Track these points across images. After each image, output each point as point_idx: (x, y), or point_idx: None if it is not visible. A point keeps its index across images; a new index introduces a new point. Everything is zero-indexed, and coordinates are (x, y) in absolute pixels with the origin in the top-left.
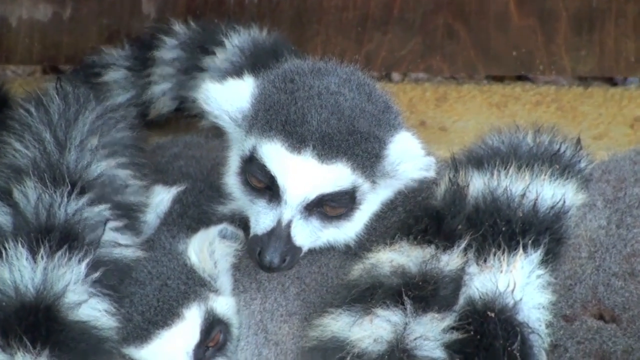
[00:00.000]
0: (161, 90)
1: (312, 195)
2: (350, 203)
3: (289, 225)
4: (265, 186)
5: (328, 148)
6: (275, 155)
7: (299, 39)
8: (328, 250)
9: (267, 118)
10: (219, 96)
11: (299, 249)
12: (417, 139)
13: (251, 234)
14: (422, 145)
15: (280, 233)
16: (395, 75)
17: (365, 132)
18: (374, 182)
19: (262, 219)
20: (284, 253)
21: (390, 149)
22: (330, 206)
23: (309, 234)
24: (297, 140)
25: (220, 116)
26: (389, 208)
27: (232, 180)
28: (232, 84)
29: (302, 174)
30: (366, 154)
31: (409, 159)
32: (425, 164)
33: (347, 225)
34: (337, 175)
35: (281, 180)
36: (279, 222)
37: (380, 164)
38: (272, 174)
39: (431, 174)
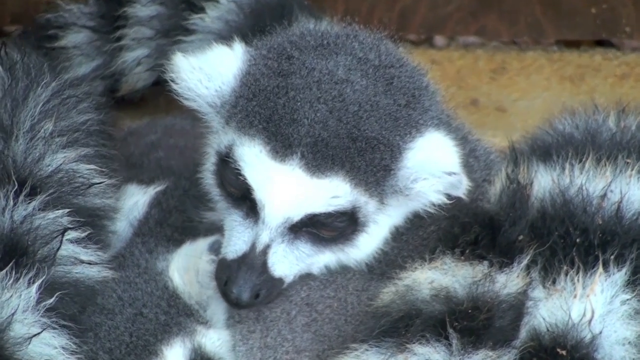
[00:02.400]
0: (135, 59)
1: (296, 215)
2: (352, 225)
3: (265, 251)
4: (244, 194)
5: (321, 157)
6: (254, 160)
7: None
8: (346, 268)
9: (249, 110)
10: (192, 75)
11: (280, 280)
12: (452, 142)
13: (220, 256)
14: (457, 152)
15: (253, 261)
16: (439, 40)
17: (373, 137)
18: (381, 201)
19: (235, 237)
20: (257, 287)
21: (409, 157)
22: (325, 228)
23: (293, 263)
24: (282, 144)
25: (194, 100)
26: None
27: (208, 180)
28: (212, 56)
29: (286, 189)
30: (372, 167)
31: (428, 174)
32: (449, 182)
33: (350, 251)
34: (331, 192)
35: (259, 194)
36: (252, 246)
37: (391, 179)
38: (248, 185)
39: (459, 193)
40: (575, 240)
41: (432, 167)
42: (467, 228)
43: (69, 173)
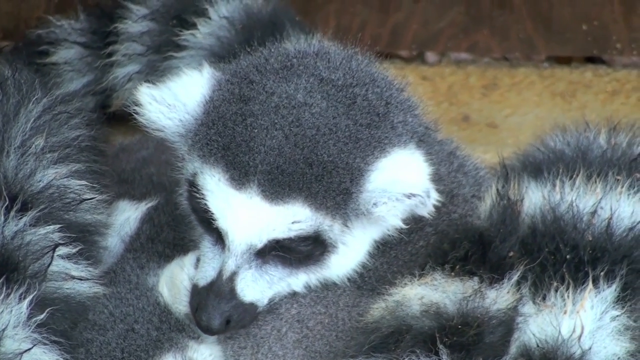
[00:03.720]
0: (126, 74)
1: (259, 242)
2: (319, 247)
3: (231, 278)
4: (211, 220)
5: (277, 184)
6: (215, 188)
7: (305, 8)
8: (336, 285)
9: (209, 138)
10: (154, 107)
11: (252, 305)
12: (421, 159)
13: (193, 282)
14: (425, 169)
15: (221, 288)
16: (430, 56)
17: (330, 161)
18: (345, 224)
19: (206, 264)
20: (226, 313)
21: (370, 180)
22: (292, 252)
23: (265, 287)
24: (239, 172)
25: (160, 131)
26: (413, 229)
27: (182, 205)
28: (176, 86)
29: (245, 216)
30: (331, 191)
31: (388, 198)
32: (411, 204)
33: (323, 272)
34: (291, 218)
35: (221, 222)
36: (219, 273)
37: (352, 202)
38: (211, 213)
39: (424, 212)
40: (566, 257)
41: (393, 189)
42: (457, 244)
43: (60, 189)
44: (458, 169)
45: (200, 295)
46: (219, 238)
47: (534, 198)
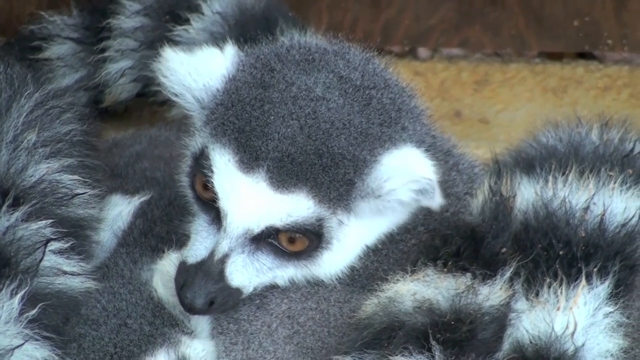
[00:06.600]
0: (119, 70)
1: (257, 227)
2: (315, 241)
3: (223, 260)
4: (213, 199)
5: (285, 172)
6: (223, 168)
7: (298, 3)
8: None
9: (225, 118)
10: (181, 68)
11: (237, 290)
12: (428, 160)
13: (181, 259)
14: (435, 168)
15: (210, 268)
16: (422, 51)
17: (339, 153)
18: (347, 214)
19: (198, 242)
20: (212, 294)
21: (378, 168)
22: (287, 240)
23: (253, 274)
24: (249, 156)
25: (182, 94)
26: (405, 228)
27: (182, 181)
28: (202, 54)
29: (248, 201)
30: (335, 182)
31: (399, 175)
32: (421, 186)
33: (313, 268)
34: (293, 207)
35: (223, 202)
36: (211, 253)
37: (356, 190)
38: (215, 192)
39: (430, 203)
40: (559, 253)
41: (407, 171)
42: (449, 240)
43: (52, 183)
44: (452, 167)
45: (188, 273)
46: (216, 218)
47: (527, 194)
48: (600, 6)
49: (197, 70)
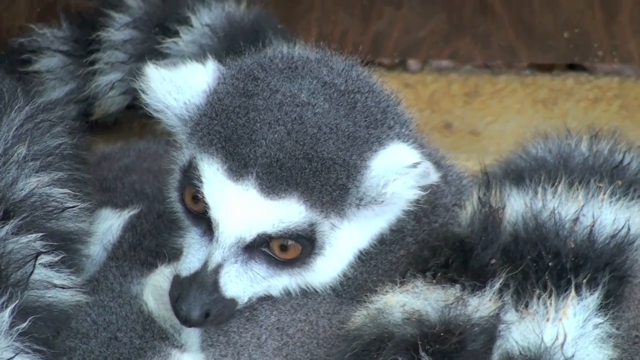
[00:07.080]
0: (109, 82)
1: (249, 235)
2: (308, 247)
3: (216, 270)
4: (203, 211)
5: (275, 178)
6: (212, 178)
7: (287, 15)
8: (316, 292)
9: (210, 128)
10: (162, 86)
11: (232, 301)
12: (413, 149)
13: (175, 272)
14: (414, 152)
15: (204, 280)
16: (412, 63)
17: (328, 157)
18: (341, 219)
19: (191, 255)
20: (207, 306)
21: (372, 167)
22: (279, 248)
23: (247, 284)
24: (238, 164)
25: (162, 112)
26: (394, 239)
27: (171, 196)
28: (184, 70)
29: (239, 209)
30: (328, 187)
31: (396, 174)
32: (418, 173)
33: (307, 275)
34: (285, 214)
35: (214, 212)
36: (205, 265)
37: (351, 197)
38: (206, 202)
39: (432, 180)
40: (548, 264)
41: (397, 166)
42: (438, 251)
43: (42, 197)
44: (441, 178)
45: (182, 286)
46: (208, 230)
47: (516, 205)
48: (590, 18)
49: (177, 88)
